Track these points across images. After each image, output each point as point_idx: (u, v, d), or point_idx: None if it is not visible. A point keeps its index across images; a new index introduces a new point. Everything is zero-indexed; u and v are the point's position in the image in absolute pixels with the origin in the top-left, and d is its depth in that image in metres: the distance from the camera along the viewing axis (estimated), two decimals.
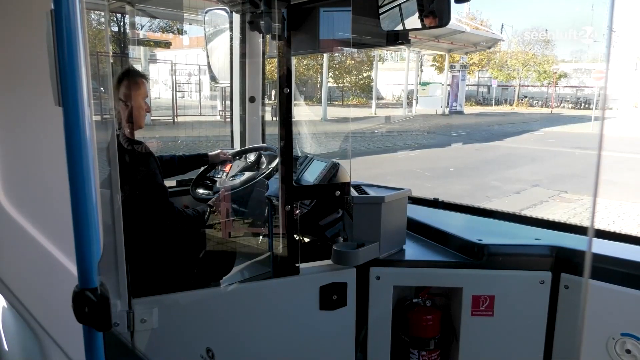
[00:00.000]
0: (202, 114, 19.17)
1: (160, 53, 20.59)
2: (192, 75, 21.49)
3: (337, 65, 34.20)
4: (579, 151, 15.02)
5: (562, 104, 40.26)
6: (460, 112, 30.56)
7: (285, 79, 1.39)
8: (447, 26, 1.86)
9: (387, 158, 12.62)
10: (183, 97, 21.09)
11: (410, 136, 19.46)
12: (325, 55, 19.78)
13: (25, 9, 1.23)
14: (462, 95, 31.34)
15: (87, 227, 0.83)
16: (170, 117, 16.22)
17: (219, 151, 2.32)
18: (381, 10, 1.82)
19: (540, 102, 40.50)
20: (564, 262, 1.52)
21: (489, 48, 31.27)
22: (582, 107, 37.04)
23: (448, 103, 30.81)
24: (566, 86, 41.71)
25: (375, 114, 28.09)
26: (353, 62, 32.13)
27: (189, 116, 18.58)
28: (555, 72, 39.92)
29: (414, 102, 31.66)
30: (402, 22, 1.84)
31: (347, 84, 36.60)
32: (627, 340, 1.40)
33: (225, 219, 1.96)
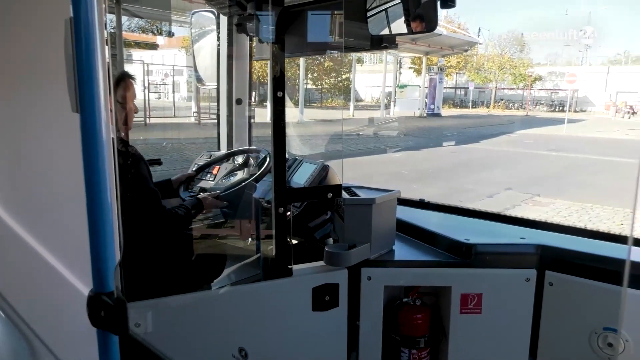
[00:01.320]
0: (176, 115, 18.93)
1: (135, 53, 20.24)
2: (168, 76, 21.21)
3: (315, 67, 34.35)
4: (554, 153, 15.26)
5: (538, 107, 41.42)
6: (438, 115, 31.05)
7: (278, 82, 1.42)
8: None
9: (363, 161, 12.62)
10: (160, 97, 20.78)
11: (387, 139, 19.43)
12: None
13: (42, 17, 1.23)
14: (439, 98, 31.84)
15: (103, 230, 0.85)
16: (142, 119, 15.95)
17: (180, 174, 2.32)
18: (369, 14, 1.87)
19: (516, 105, 41.58)
20: (548, 260, 1.59)
21: (466, 51, 31.87)
22: (556, 109, 38.24)
23: (426, 105, 31.37)
24: (541, 89, 43.00)
25: (353, 115, 28.32)
26: (332, 64, 32.31)
27: (161, 118, 18.27)
28: (531, 75, 41.10)
29: (392, 104, 32.08)
30: (389, 26, 1.89)
31: (326, 86, 36.83)
32: (609, 334, 1.48)
33: (215, 220, 1.99)
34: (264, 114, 1.44)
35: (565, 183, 10.26)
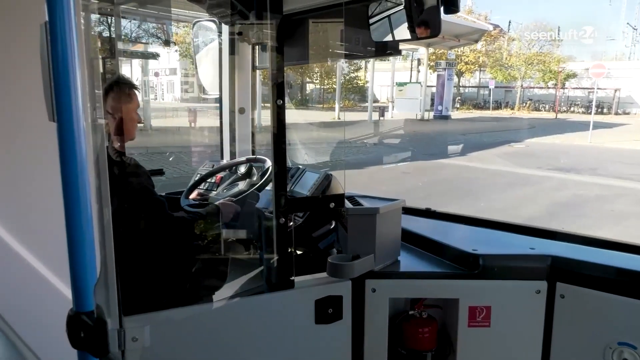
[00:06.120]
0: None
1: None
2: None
3: (317, 68, 34.79)
4: (557, 175, 12.57)
5: (572, 108, 41.20)
6: (446, 117, 30.40)
7: (278, 90, 1.61)
8: None
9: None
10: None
11: (348, 149, 16.22)
12: None
13: (16, 21, 1.35)
14: (448, 97, 31.09)
15: (82, 247, 0.92)
16: None
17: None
18: (371, 21, 2.13)
19: (547, 106, 41.23)
20: (560, 271, 1.75)
21: (476, 41, 30.71)
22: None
23: (433, 106, 31.27)
24: (576, 88, 42.72)
25: (338, 118, 28.14)
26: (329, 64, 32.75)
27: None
28: (561, 71, 40.68)
29: (390, 105, 32.40)
30: (392, 32, 2.15)
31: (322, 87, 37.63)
32: (625, 349, 1.64)
33: (218, 231, 2.23)
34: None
35: None
